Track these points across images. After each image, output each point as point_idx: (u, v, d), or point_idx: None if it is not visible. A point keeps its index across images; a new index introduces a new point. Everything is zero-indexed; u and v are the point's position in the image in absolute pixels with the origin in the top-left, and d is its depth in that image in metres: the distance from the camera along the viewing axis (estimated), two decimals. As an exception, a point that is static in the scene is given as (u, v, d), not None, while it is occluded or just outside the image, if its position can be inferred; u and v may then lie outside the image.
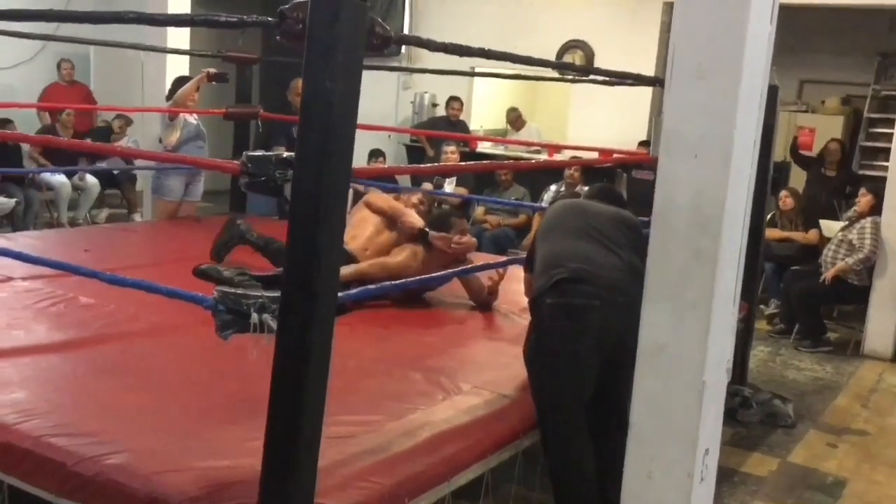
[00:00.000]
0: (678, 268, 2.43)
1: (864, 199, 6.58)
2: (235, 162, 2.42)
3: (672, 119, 2.43)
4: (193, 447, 2.53)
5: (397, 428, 2.84)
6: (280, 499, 2.05)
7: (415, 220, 4.59)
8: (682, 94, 2.40)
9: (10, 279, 4.26)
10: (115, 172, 8.59)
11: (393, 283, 3.62)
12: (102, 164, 8.48)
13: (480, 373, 3.57)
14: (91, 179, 8.43)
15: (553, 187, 7.70)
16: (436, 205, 7.84)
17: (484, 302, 4.55)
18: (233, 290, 2.57)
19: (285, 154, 2.30)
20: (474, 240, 4.79)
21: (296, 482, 2.03)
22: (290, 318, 2.00)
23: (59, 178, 8.18)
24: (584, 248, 3.15)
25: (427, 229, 4.51)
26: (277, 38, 2.40)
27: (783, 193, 7.39)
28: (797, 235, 7.22)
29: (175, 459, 2.43)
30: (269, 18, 2.34)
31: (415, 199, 5.04)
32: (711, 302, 2.40)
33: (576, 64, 8.67)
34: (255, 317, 2.39)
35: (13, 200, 7.57)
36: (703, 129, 2.36)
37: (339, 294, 3.10)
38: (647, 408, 2.52)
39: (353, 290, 2.88)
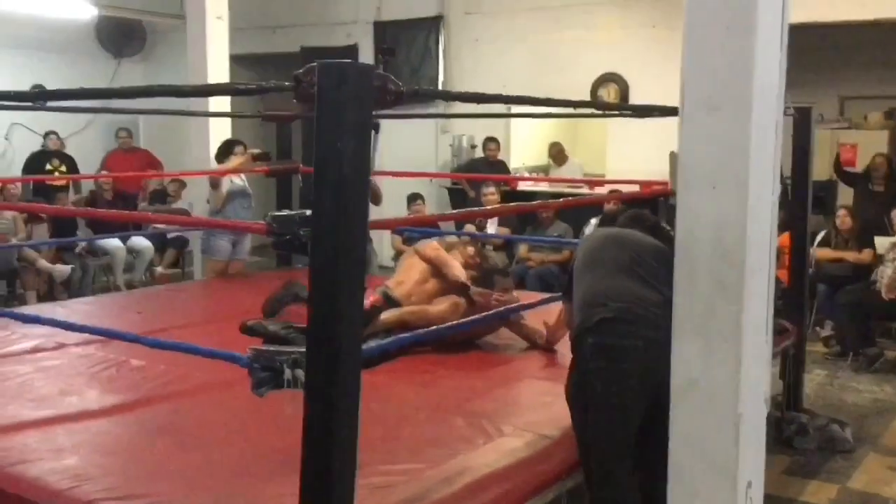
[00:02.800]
0: (704, 301, 2.43)
1: None
2: (262, 222, 2.50)
3: (687, 152, 2.44)
4: (236, 504, 2.57)
5: (437, 475, 2.84)
6: (316, 554, 2.07)
7: (459, 273, 4.63)
8: (696, 126, 2.41)
9: (63, 345, 4.40)
10: (170, 237, 8.85)
11: (429, 329, 3.65)
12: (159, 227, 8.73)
13: (522, 414, 3.57)
14: (144, 242, 8.68)
15: (593, 221, 7.67)
16: (481, 245, 7.92)
17: (543, 345, 4.55)
18: (267, 348, 2.64)
19: (308, 213, 2.37)
20: (517, 296, 4.79)
21: (331, 536, 2.06)
22: (315, 374, 2.05)
23: (113, 243, 8.42)
24: (626, 286, 3.10)
25: (469, 284, 4.56)
26: (294, 101, 2.50)
27: (841, 212, 7.26)
28: (849, 255, 7.08)
29: (218, 518, 2.48)
30: (286, 83, 2.43)
31: (469, 252, 5.07)
32: (741, 333, 2.39)
33: (600, 101, 8.68)
34: (288, 373, 2.46)
35: (69, 267, 7.82)
36: (719, 160, 2.37)
37: (375, 344, 3.17)
38: (684, 444, 2.50)
39: (386, 341, 2.92)
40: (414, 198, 8.29)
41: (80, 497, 2.64)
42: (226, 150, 6.51)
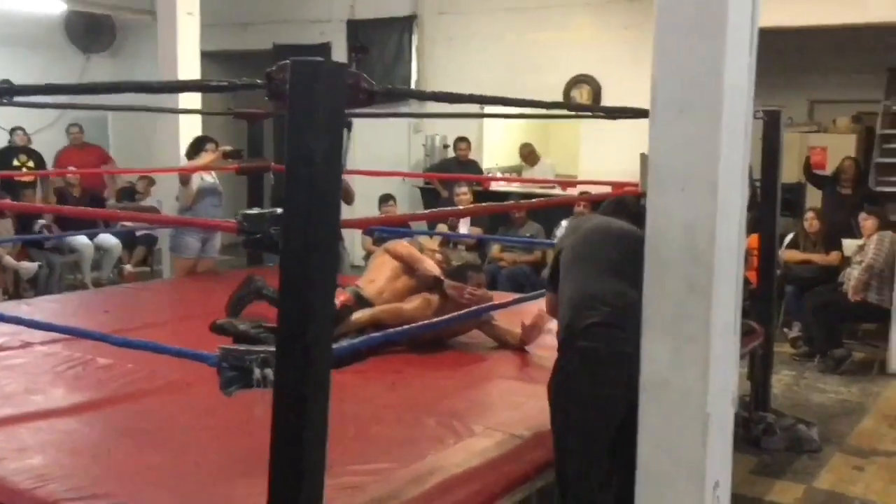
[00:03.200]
0: (674, 302, 2.44)
1: (867, 223, 6.64)
2: (233, 221, 2.48)
3: (657, 153, 2.46)
4: (203, 505, 2.55)
5: (407, 475, 2.84)
6: (285, 554, 2.06)
7: (432, 268, 4.64)
8: (666, 128, 2.43)
9: (29, 344, 4.33)
10: (138, 234, 8.77)
11: (399, 329, 3.64)
12: (127, 224, 8.64)
13: (493, 414, 3.57)
14: (112, 240, 8.58)
15: (564, 223, 7.71)
16: (451, 245, 7.92)
17: (515, 345, 4.54)
18: (236, 347, 2.62)
19: (280, 211, 2.35)
20: (490, 293, 4.79)
21: (299, 536, 2.05)
22: (285, 372, 2.03)
23: (81, 240, 8.32)
24: (617, 289, 3.01)
25: (443, 278, 4.56)
26: (266, 98, 2.48)
27: (809, 215, 7.34)
28: (817, 257, 7.16)
29: (185, 518, 2.46)
30: (258, 81, 2.42)
31: (437, 254, 5.06)
32: (709, 333, 2.41)
33: (572, 102, 8.72)
34: (257, 372, 2.44)
35: (36, 265, 7.72)
36: (688, 162, 2.39)
37: (347, 343, 3.15)
38: (652, 444, 2.52)
39: (357, 340, 2.91)
40: (385, 199, 8.27)
41: (44, 497, 2.61)
42: (196, 148, 6.45)
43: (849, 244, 7.11)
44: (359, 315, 4.37)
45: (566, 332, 3.05)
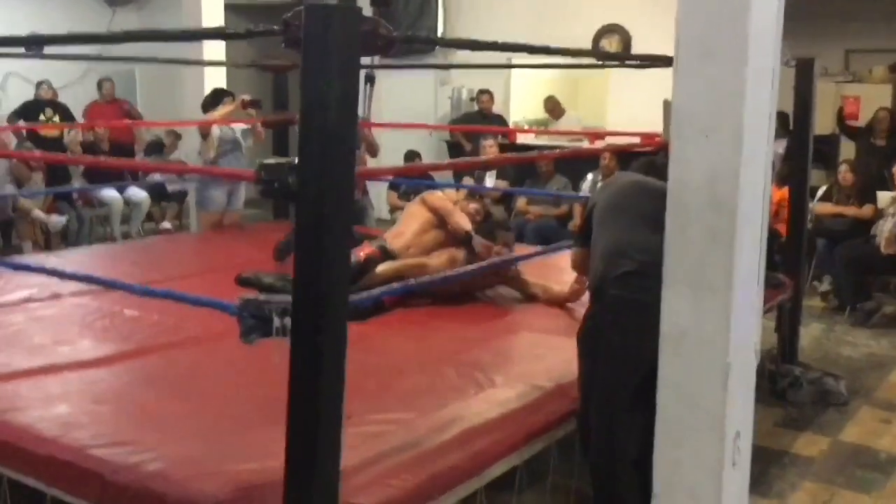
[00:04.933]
0: (695, 250, 2.40)
1: None
2: (251, 170, 2.47)
3: (681, 99, 2.39)
4: (224, 452, 2.58)
5: (428, 424, 2.85)
6: (303, 501, 2.07)
7: (464, 222, 4.63)
8: (690, 74, 2.36)
9: (58, 296, 4.39)
10: (170, 190, 8.82)
11: (422, 279, 3.64)
12: (156, 177, 8.69)
13: (515, 365, 3.57)
14: (141, 193, 8.64)
15: (590, 176, 7.65)
16: (477, 198, 7.86)
17: (563, 301, 4.50)
18: (255, 297, 2.63)
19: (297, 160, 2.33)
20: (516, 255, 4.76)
21: (317, 484, 2.06)
22: (301, 322, 2.03)
23: (110, 194, 8.38)
24: (651, 239, 2.94)
25: (472, 233, 4.55)
26: (283, 45, 2.45)
27: (843, 167, 7.20)
28: (850, 210, 7.03)
29: (206, 464, 2.49)
30: (275, 27, 2.38)
31: (472, 207, 5.03)
32: (731, 283, 2.36)
33: (599, 50, 8.56)
34: (277, 321, 2.44)
35: (64, 218, 7.79)
36: (713, 108, 2.32)
37: (368, 294, 3.15)
38: (672, 394, 2.49)
39: (377, 290, 2.91)
40: (411, 156, 8.22)
41: (68, 444, 2.65)
42: (213, 101, 6.43)
43: (883, 196, 6.96)
44: (383, 268, 4.37)
45: (599, 281, 3.03)
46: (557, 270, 4.67)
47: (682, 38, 2.36)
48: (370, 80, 5.81)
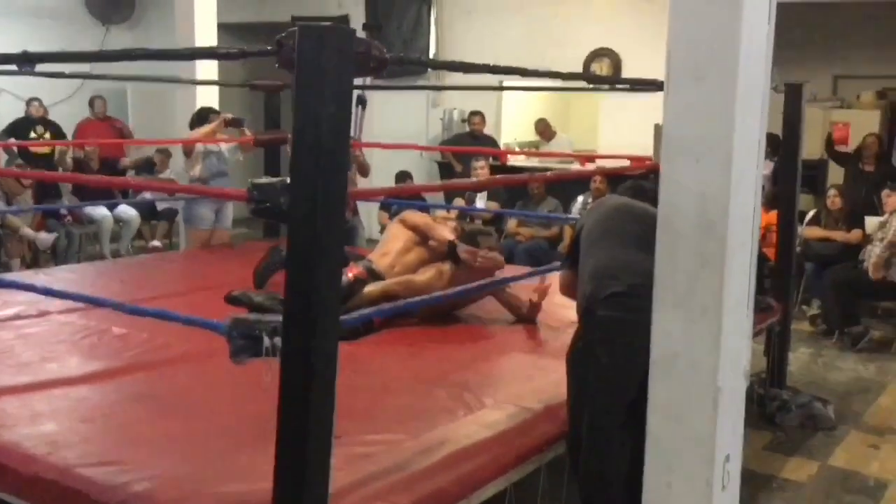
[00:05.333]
0: (686, 274, 2.41)
1: (889, 200, 6.52)
2: (243, 190, 2.47)
3: (672, 123, 2.42)
4: (212, 472, 2.56)
5: (417, 446, 2.83)
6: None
7: (445, 232, 4.64)
8: (681, 97, 2.39)
9: (46, 313, 4.36)
10: (160, 208, 8.80)
11: (413, 300, 3.63)
12: (147, 196, 8.68)
13: (504, 387, 3.56)
14: (131, 211, 8.62)
15: (580, 198, 7.68)
16: (467, 220, 7.88)
17: (526, 317, 4.57)
18: (245, 316, 2.62)
19: (290, 180, 2.33)
20: (501, 257, 4.79)
21: (305, 504, 2.05)
22: (292, 342, 2.03)
23: (100, 212, 8.36)
24: (638, 260, 2.99)
25: (456, 241, 4.56)
26: (276, 66, 2.46)
27: (831, 192, 7.25)
28: (838, 235, 7.07)
29: (194, 485, 2.47)
30: (269, 48, 2.39)
31: (450, 223, 5.04)
32: (721, 306, 2.38)
33: (590, 73, 8.62)
34: (266, 341, 2.43)
35: (53, 235, 7.76)
36: (703, 131, 2.35)
37: (359, 314, 3.14)
38: (663, 416, 2.50)
39: (369, 310, 2.90)
40: (403, 177, 8.23)
41: (55, 463, 2.62)
42: (199, 119, 6.44)
43: (871, 222, 7.01)
44: (371, 288, 4.37)
45: (587, 301, 3.04)
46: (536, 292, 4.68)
47: (672, 62, 2.39)
48: (362, 102, 5.83)
